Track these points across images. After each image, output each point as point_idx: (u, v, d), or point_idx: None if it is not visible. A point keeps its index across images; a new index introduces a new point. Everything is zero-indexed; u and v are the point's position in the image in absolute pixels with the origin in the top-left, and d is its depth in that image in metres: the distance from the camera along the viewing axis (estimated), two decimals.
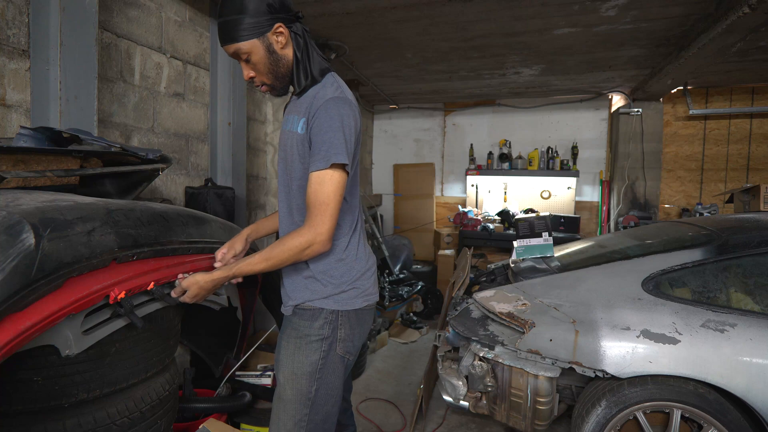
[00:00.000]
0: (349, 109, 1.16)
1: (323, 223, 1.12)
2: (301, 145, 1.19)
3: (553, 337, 1.85)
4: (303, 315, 1.25)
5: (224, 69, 2.95)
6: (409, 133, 6.38)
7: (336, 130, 1.12)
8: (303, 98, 1.23)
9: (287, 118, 1.29)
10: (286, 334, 1.27)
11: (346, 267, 1.26)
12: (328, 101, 1.14)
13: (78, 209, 1.09)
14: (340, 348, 1.25)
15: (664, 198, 5.34)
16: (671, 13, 2.91)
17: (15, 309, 0.89)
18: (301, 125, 1.19)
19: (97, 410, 1.27)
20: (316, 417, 1.22)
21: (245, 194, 3.19)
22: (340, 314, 1.24)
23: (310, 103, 1.18)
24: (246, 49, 1.14)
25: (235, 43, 1.13)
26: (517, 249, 2.58)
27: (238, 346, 2.22)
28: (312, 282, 1.24)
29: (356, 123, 1.18)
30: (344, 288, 1.25)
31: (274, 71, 1.20)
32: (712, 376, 1.67)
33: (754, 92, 4.98)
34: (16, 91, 1.76)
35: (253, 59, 1.16)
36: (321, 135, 1.13)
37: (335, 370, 1.25)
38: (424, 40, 3.51)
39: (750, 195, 3.53)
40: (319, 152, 1.13)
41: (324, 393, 1.23)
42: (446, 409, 2.67)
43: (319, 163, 1.12)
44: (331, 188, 1.13)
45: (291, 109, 1.29)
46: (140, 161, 1.64)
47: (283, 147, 1.27)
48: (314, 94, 1.19)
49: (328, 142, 1.12)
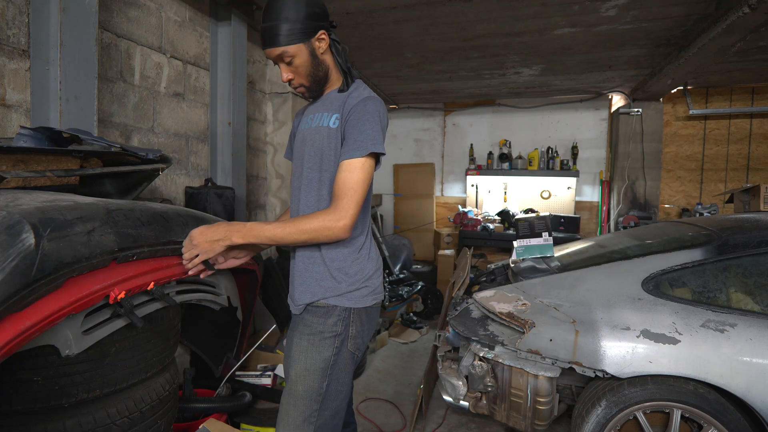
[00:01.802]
0: (383, 108, 1.25)
1: (349, 208, 1.15)
2: (334, 139, 1.24)
3: (553, 337, 1.85)
4: (316, 312, 1.27)
5: (224, 69, 2.95)
6: (409, 133, 6.38)
7: (374, 123, 1.19)
8: (336, 97, 1.29)
9: (313, 116, 1.33)
10: (299, 331, 1.29)
11: (361, 265, 1.28)
12: (366, 99, 1.22)
13: (78, 209, 1.09)
14: (351, 344, 1.27)
15: (664, 198, 5.34)
16: (671, 13, 2.91)
17: (15, 309, 0.89)
18: (333, 120, 1.25)
19: (97, 410, 1.27)
20: (326, 413, 1.23)
21: (245, 194, 3.19)
22: (353, 311, 1.26)
23: (343, 101, 1.25)
24: (291, 53, 1.21)
25: (282, 46, 1.19)
26: (517, 249, 2.58)
27: (238, 346, 2.22)
28: (326, 279, 1.26)
29: (387, 122, 1.28)
30: (358, 286, 1.27)
31: (313, 75, 1.27)
32: (712, 376, 1.67)
33: (754, 92, 4.98)
34: (16, 91, 1.76)
35: (296, 62, 1.23)
36: (359, 126, 1.18)
37: (345, 366, 1.27)
38: (424, 40, 3.51)
39: (750, 195, 3.53)
40: (356, 142, 1.18)
41: (334, 389, 1.25)
42: (446, 409, 2.67)
43: (355, 152, 1.17)
44: (361, 176, 1.17)
45: (316, 107, 1.34)
46: (140, 161, 1.64)
47: (312, 141, 1.29)
48: (348, 93, 1.27)
49: (365, 132, 1.17)
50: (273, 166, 3.78)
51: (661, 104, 4.98)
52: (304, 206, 1.31)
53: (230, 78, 2.95)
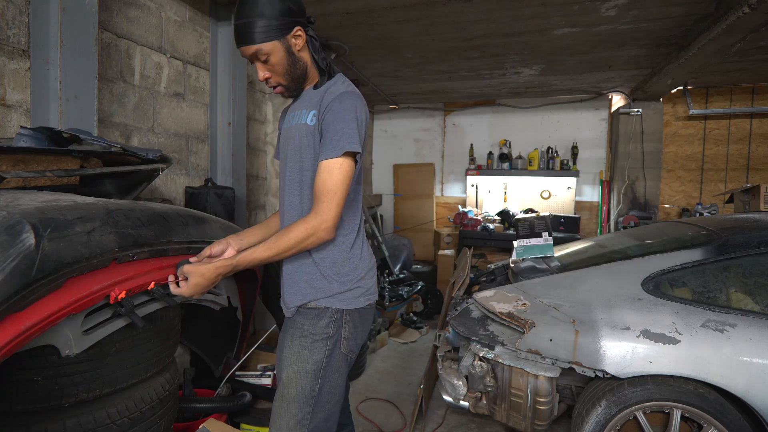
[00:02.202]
0: (361, 102, 1.20)
1: (329, 210, 1.13)
2: (312, 136, 1.22)
3: (553, 337, 1.85)
4: (308, 314, 1.25)
5: (224, 69, 2.95)
6: (409, 133, 6.38)
7: (350, 121, 1.15)
8: (314, 93, 1.26)
9: (294, 113, 1.30)
10: (290, 333, 1.27)
11: (353, 265, 1.27)
12: (343, 94, 1.18)
13: (78, 209, 1.09)
14: (344, 347, 1.25)
15: (664, 198, 5.34)
16: (671, 13, 2.91)
17: (15, 309, 0.89)
18: (310, 117, 1.22)
19: (97, 410, 1.27)
20: (319, 415, 1.22)
21: (245, 194, 3.19)
22: (345, 313, 1.25)
23: (321, 97, 1.22)
24: (266, 50, 1.17)
25: (256, 44, 1.16)
26: (517, 249, 2.58)
27: (238, 346, 2.22)
28: (317, 280, 1.25)
29: (366, 118, 1.22)
30: (350, 286, 1.25)
31: (291, 72, 1.23)
32: (712, 376, 1.67)
33: (754, 92, 4.98)
34: (16, 91, 1.76)
35: (272, 60, 1.19)
36: (335, 125, 1.15)
37: (338, 369, 1.26)
38: (424, 40, 3.51)
39: (750, 195, 3.53)
40: (332, 141, 1.15)
41: (327, 391, 1.23)
42: (446, 409, 2.67)
43: (331, 151, 1.14)
44: (339, 177, 1.14)
45: (296, 105, 1.31)
46: (140, 161, 1.64)
47: (292, 140, 1.28)
48: (326, 89, 1.23)
49: (341, 131, 1.14)
50: (273, 166, 3.78)
51: (661, 104, 4.98)
52: (288, 206, 1.30)
53: (230, 78, 2.95)
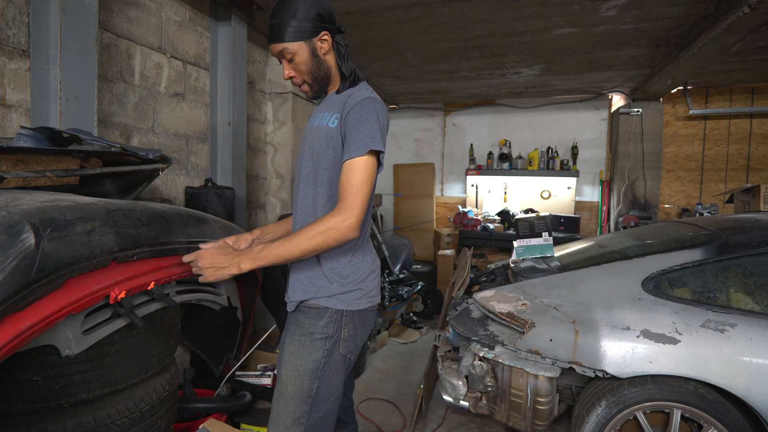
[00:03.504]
0: (382, 108, 1.25)
1: (354, 207, 1.15)
2: (332, 138, 1.25)
3: (553, 337, 1.85)
4: (308, 313, 1.26)
5: (224, 69, 2.95)
6: (409, 133, 6.38)
7: (373, 122, 1.19)
8: (336, 97, 1.30)
9: (316, 115, 1.34)
10: (290, 332, 1.29)
11: (354, 267, 1.28)
12: (365, 99, 1.23)
13: (78, 209, 1.09)
14: (343, 347, 1.26)
15: (664, 198, 5.34)
16: (671, 13, 2.91)
17: (15, 309, 0.89)
18: (332, 120, 1.26)
19: (97, 410, 1.27)
20: (316, 414, 1.23)
21: (245, 194, 3.19)
22: (345, 314, 1.26)
23: (344, 102, 1.25)
24: (292, 50, 1.24)
25: (284, 43, 1.23)
26: (517, 249, 2.58)
27: (238, 346, 2.22)
28: (319, 279, 1.26)
29: (387, 123, 1.27)
30: (350, 288, 1.26)
31: (314, 72, 1.29)
32: (712, 376, 1.67)
33: (754, 92, 4.98)
34: (16, 91, 1.76)
35: (297, 60, 1.26)
36: (358, 126, 1.19)
37: (337, 369, 1.26)
38: (424, 40, 3.51)
39: (750, 195, 3.53)
40: (356, 141, 1.18)
41: (325, 391, 1.24)
42: (446, 409, 2.67)
43: (355, 151, 1.17)
44: (364, 174, 1.17)
45: (320, 108, 1.35)
46: (140, 161, 1.64)
47: (310, 141, 1.31)
48: (349, 94, 1.28)
49: (364, 131, 1.18)
50: (273, 166, 3.78)
51: (661, 104, 4.98)
52: (301, 204, 1.32)
53: (230, 78, 2.95)
